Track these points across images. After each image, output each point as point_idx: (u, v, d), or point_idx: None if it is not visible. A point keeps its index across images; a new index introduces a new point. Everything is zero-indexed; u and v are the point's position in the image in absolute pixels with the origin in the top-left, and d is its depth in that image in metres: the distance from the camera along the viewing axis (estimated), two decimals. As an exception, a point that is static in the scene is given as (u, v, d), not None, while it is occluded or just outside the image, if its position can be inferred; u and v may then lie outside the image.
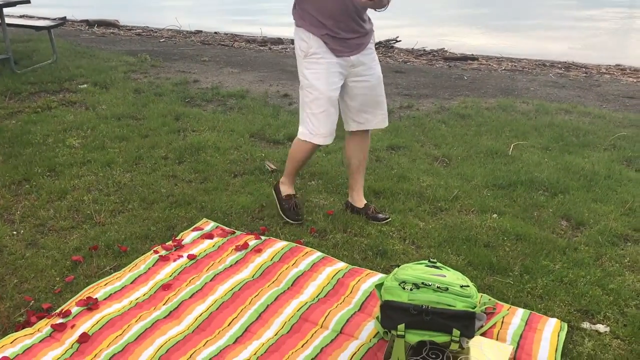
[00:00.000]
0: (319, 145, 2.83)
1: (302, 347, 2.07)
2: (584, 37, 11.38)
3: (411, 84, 6.19)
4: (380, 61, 8.01)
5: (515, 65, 7.95)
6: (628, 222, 3.04)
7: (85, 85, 5.52)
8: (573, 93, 5.92)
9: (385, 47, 9.06)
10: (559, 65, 8.07)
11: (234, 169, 3.67)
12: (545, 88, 6.12)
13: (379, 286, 2.07)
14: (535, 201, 3.29)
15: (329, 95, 2.71)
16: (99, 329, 2.14)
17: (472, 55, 8.59)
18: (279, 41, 9.51)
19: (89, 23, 10.69)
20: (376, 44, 9.16)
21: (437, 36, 10.58)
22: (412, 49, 9.01)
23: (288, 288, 2.45)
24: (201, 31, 10.53)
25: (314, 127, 2.76)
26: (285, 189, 3.09)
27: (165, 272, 2.54)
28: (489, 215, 3.11)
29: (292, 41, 9.55)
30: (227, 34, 10.43)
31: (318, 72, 2.69)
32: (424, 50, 8.94)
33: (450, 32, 11.50)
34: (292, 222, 3.01)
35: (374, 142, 4.20)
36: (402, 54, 8.71)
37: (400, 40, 9.33)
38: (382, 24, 12.09)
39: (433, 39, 10.22)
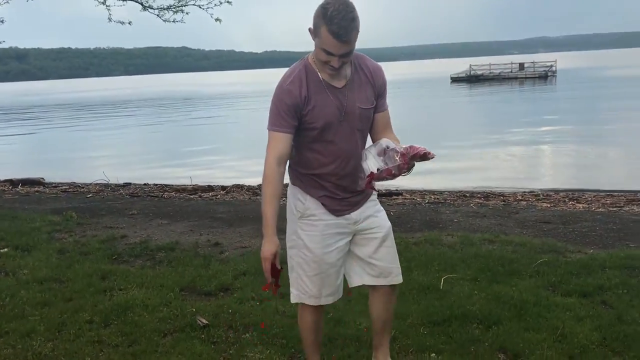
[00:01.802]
0: (323, 306, 2.65)
1: None
2: (498, 164, 12.21)
3: (341, 223, 6.32)
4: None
5: (438, 198, 8.34)
6: (562, 349, 3.08)
7: (5, 250, 5.31)
8: (494, 222, 6.21)
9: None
10: (479, 195, 8.54)
11: (163, 328, 3.52)
12: (468, 218, 6.40)
13: None
14: (470, 336, 3.30)
15: (325, 259, 2.55)
16: None
17: (397, 190, 8.96)
18: (209, 189, 9.64)
19: (13, 182, 10.54)
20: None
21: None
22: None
23: None
24: (130, 183, 10.57)
25: (307, 288, 2.59)
26: None
27: None
28: (428, 355, 3.08)
29: (222, 187, 9.71)
30: (156, 185, 10.50)
31: (314, 234, 2.54)
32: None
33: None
34: None
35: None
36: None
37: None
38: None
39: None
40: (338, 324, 3.50)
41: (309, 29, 2.33)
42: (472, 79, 52.67)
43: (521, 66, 55.40)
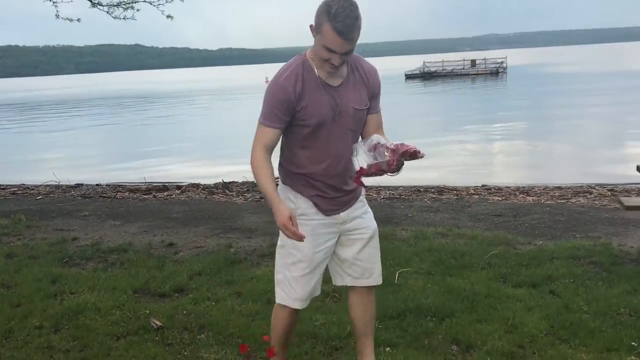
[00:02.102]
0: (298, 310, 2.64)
1: None
2: (450, 160, 12.42)
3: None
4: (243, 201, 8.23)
5: (393, 193, 8.42)
6: (512, 339, 3.16)
7: (-52, 255, 5.10)
8: (448, 216, 6.32)
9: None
10: (433, 190, 8.66)
11: (116, 331, 3.45)
12: (422, 213, 6.50)
13: None
14: (424, 328, 3.36)
15: (314, 259, 2.53)
16: None
17: (353, 187, 9.01)
18: (164, 188, 9.49)
19: (-43, 185, 10.13)
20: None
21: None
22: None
23: None
24: (82, 184, 10.30)
25: (293, 292, 2.56)
26: None
27: None
28: (382, 349, 3.12)
29: (177, 187, 9.57)
30: (109, 185, 10.28)
31: (305, 234, 2.45)
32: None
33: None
34: None
35: (263, 283, 4.16)
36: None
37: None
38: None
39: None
40: (294, 321, 3.50)
41: (310, 26, 2.31)
42: (426, 76, 53.40)
43: (473, 63, 56.47)
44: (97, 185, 10.30)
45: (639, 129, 14.87)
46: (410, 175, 10.71)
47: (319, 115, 2.38)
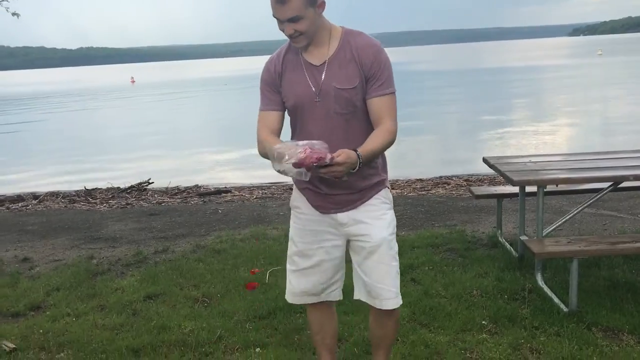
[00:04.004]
0: (324, 306, 2.54)
1: None
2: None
3: (166, 225, 6.14)
4: (133, 205, 7.90)
5: (265, 193, 8.45)
6: (377, 328, 3.29)
7: None
8: (318, 212, 6.44)
9: (138, 190, 8.95)
10: (304, 187, 8.80)
11: (-40, 360, 3.14)
12: (293, 211, 6.57)
13: None
14: (294, 325, 3.40)
15: (308, 254, 2.39)
16: None
17: (225, 188, 8.93)
18: (18, 198, 8.77)
19: None
20: (127, 188, 9.04)
21: (193, 173, 10.83)
22: (167, 188, 9.05)
23: None
24: None
25: (289, 284, 2.49)
26: None
27: None
28: (252, 350, 3.12)
29: (33, 196, 8.90)
30: (-47, 198, 9.30)
31: (298, 227, 2.42)
32: (178, 188, 9.03)
33: (204, 167, 11.89)
34: None
35: (128, 293, 4.00)
36: (156, 195, 8.67)
37: (152, 182, 9.32)
38: (133, 165, 12.05)
39: (198, 176, 10.44)
40: (162, 331, 3.40)
41: None
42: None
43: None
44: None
45: (490, 122, 16.12)
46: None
47: (295, 95, 2.24)
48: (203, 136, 17.71)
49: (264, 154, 2.22)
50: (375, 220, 2.33)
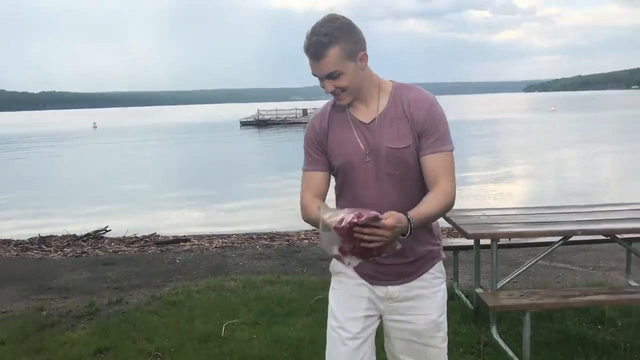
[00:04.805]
0: None
1: None
2: (283, 205, 12.70)
3: (122, 275, 6.00)
4: (88, 253, 7.71)
5: (225, 242, 8.37)
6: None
7: None
8: (278, 262, 6.41)
9: (95, 239, 8.75)
10: (265, 237, 8.75)
11: None
12: (252, 261, 6.51)
13: None
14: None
15: (346, 327, 2.10)
16: None
17: (184, 236, 8.81)
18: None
19: None
20: (83, 236, 8.84)
21: (152, 221, 10.69)
22: (124, 237, 8.88)
23: None
24: None
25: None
26: None
27: None
28: (205, 407, 3.04)
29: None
30: None
31: (338, 295, 2.16)
32: (136, 237, 8.87)
33: (164, 215, 11.74)
34: None
35: (78, 347, 3.86)
36: (112, 243, 8.49)
37: (110, 230, 9.15)
38: (90, 212, 11.80)
39: (154, 223, 10.30)
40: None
41: None
42: (260, 124, 54.60)
43: (304, 112, 58.79)
44: None
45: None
46: (243, 221, 10.80)
47: (345, 155, 2.05)
48: (164, 183, 17.55)
49: (308, 220, 2.09)
50: (429, 300, 2.12)
